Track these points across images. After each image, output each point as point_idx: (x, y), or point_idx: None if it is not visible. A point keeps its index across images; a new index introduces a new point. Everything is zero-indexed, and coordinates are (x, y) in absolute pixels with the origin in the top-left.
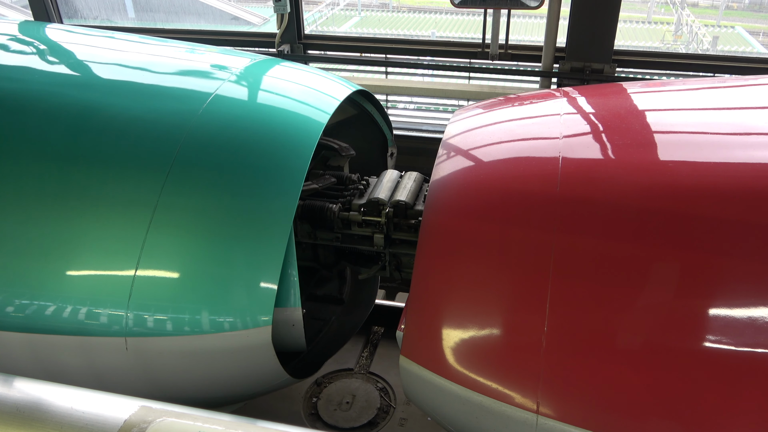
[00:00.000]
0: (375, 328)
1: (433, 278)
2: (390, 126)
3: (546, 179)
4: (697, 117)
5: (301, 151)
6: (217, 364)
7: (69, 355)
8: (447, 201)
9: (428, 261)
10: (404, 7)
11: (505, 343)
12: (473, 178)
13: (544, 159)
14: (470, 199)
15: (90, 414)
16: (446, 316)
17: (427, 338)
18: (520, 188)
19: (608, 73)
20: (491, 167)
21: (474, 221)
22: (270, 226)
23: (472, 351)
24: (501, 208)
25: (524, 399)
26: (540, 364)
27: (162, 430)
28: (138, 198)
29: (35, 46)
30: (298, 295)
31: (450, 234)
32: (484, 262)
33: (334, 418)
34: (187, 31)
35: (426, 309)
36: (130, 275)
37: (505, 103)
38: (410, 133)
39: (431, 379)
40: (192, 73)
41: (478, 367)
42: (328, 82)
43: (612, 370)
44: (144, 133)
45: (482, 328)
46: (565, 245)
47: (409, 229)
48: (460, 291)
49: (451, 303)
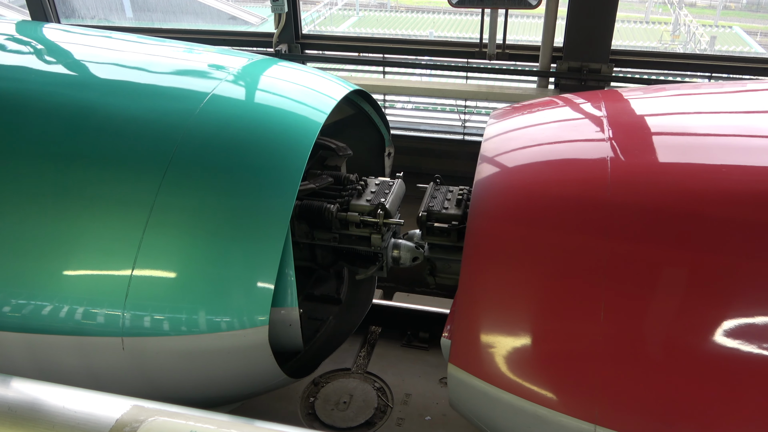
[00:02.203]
0: (372, 328)
1: (483, 285)
2: (387, 126)
3: (596, 184)
4: (745, 120)
5: (298, 151)
6: (214, 364)
7: (66, 356)
8: (495, 206)
9: (477, 267)
10: (402, 7)
11: (560, 352)
12: (521, 182)
13: (592, 162)
14: (519, 204)
15: (82, 413)
16: (498, 324)
17: (479, 346)
18: (570, 193)
19: (605, 72)
20: (539, 171)
21: (524, 227)
22: (267, 225)
23: (526, 360)
24: (551, 214)
25: (582, 409)
26: (596, 373)
27: (154, 429)
28: (135, 198)
29: (32, 46)
30: (295, 295)
31: (499, 240)
32: (536, 268)
33: (332, 418)
34: (184, 30)
35: (476, 316)
36: (127, 275)
37: (544, 105)
38: (408, 133)
39: (482, 388)
40: (189, 73)
41: (532, 376)
42: (325, 81)
43: (671, 380)
44: (141, 132)
45: (536, 336)
46: (619, 251)
47: (442, 233)
48: (513, 298)
49: (504, 311)
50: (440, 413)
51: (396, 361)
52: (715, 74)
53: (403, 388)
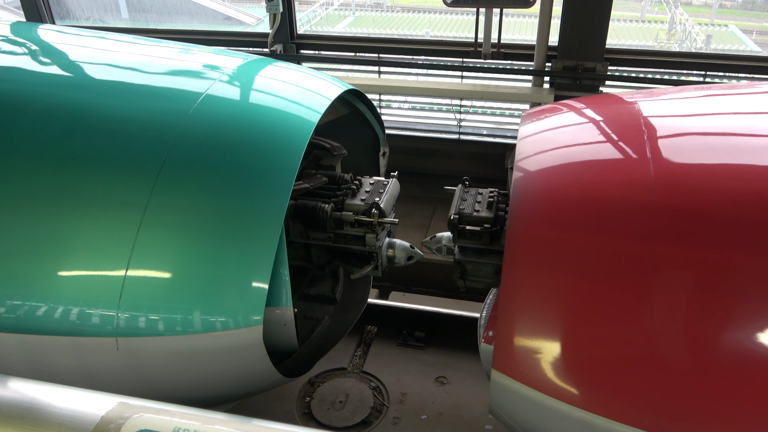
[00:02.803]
0: (368, 328)
1: (528, 290)
2: (382, 125)
3: (640, 186)
4: None
5: (292, 151)
6: (209, 364)
7: (60, 356)
8: (537, 209)
9: (520, 271)
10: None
11: (608, 358)
12: (563, 184)
13: (634, 164)
14: (562, 207)
15: (68, 410)
16: (545, 330)
17: (525, 352)
18: (614, 196)
19: (600, 71)
20: (580, 173)
21: (568, 230)
22: (261, 225)
23: (574, 366)
24: (595, 217)
25: (633, 416)
26: (647, 379)
27: (138, 425)
28: (128, 198)
29: (26, 47)
30: (289, 295)
31: (543, 243)
32: (581, 273)
33: (328, 418)
34: (179, 31)
35: (522, 322)
36: (121, 275)
37: (575, 105)
38: (404, 133)
39: (528, 395)
40: (183, 73)
41: (581, 383)
42: (319, 81)
43: (724, 387)
44: (134, 133)
45: (584, 342)
46: (667, 255)
47: (473, 236)
48: (559, 303)
49: (550, 316)
50: (436, 412)
51: (392, 360)
52: (710, 72)
53: (399, 388)
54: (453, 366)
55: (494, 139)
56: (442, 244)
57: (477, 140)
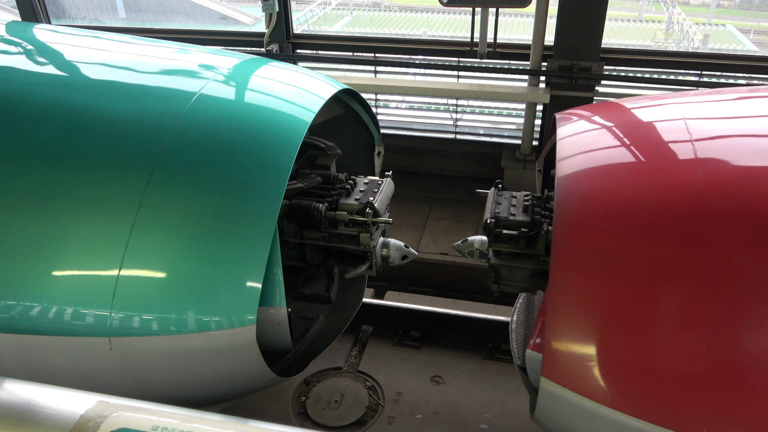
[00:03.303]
0: (364, 327)
1: (579, 296)
2: (377, 125)
3: (690, 191)
4: None
5: (286, 150)
6: (202, 364)
7: (54, 356)
8: (586, 214)
9: (570, 277)
10: (396, 6)
11: (663, 366)
12: (611, 189)
13: (682, 169)
14: (611, 213)
15: (48, 409)
16: (599, 338)
17: (577, 360)
18: (664, 201)
19: (596, 71)
20: (627, 177)
21: (619, 236)
22: (254, 225)
23: (629, 375)
24: (646, 223)
25: (689, 427)
26: (704, 389)
27: (117, 424)
28: (121, 198)
29: (21, 47)
30: (283, 294)
31: (594, 249)
32: (634, 280)
33: (323, 417)
34: (175, 30)
35: (574, 329)
36: (114, 275)
37: (613, 107)
38: (400, 132)
39: (580, 403)
40: (177, 73)
41: (636, 392)
42: (313, 81)
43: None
44: (128, 132)
45: (638, 350)
46: (720, 262)
47: (509, 240)
48: (613, 311)
49: (604, 323)
50: (431, 411)
51: (387, 359)
52: (706, 72)
53: (394, 387)
54: (448, 365)
55: (490, 138)
56: (475, 248)
57: (473, 140)
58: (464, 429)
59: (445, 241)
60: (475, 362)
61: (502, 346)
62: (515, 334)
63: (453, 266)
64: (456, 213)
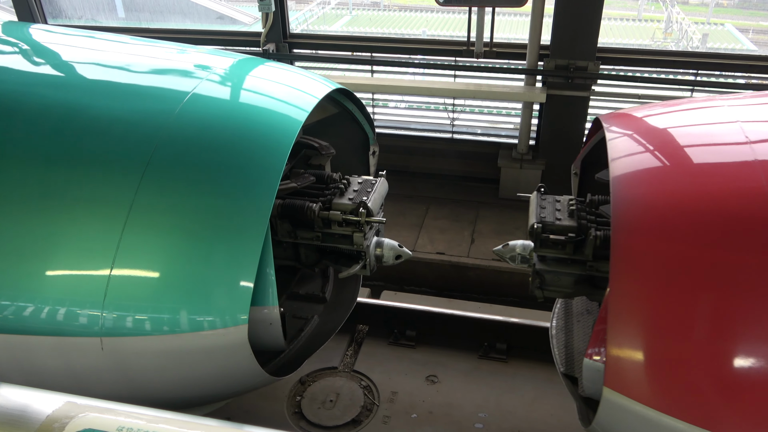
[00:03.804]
0: (360, 327)
1: (646, 305)
2: (372, 124)
3: (754, 198)
4: None
5: (278, 150)
6: (194, 364)
7: (46, 357)
8: (648, 220)
9: (635, 286)
10: (395, 6)
11: (739, 377)
12: (674, 195)
13: (744, 173)
14: (675, 220)
15: (15, 409)
16: (667, 349)
17: (646, 371)
18: (729, 208)
19: (592, 70)
20: (689, 182)
21: (685, 244)
22: (246, 224)
23: (701, 386)
24: (712, 230)
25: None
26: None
27: (83, 424)
28: (113, 198)
29: (17, 47)
30: (275, 294)
31: (659, 257)
32: (704, 288)
33: (318, 417)
34: (172, 30)
35: (641, 339)
36: (106, 275)
37: (660, 108)
38: (397, 132)
39: (648, 415)
40: (170, 73)
41: (708, 403)
42: (307, 80)
43: None
44: (120, 132)
45: (709, 362)
46: None
47: (556, 245)
48: (684, 320)
49: (673, 334)
50: (426, 411)
51: (383, 359)
52: (702, 71)
53: (389, 386)
54: (443, 365)
55: (487, 138)
56: (516, 253)
57: (470, 139)
58: (459, 428)
59: (441, 240)
60: (470, 362)
61: (497, 345)
62: (556, 340)
63: (449, 266)
64: (452, 212)
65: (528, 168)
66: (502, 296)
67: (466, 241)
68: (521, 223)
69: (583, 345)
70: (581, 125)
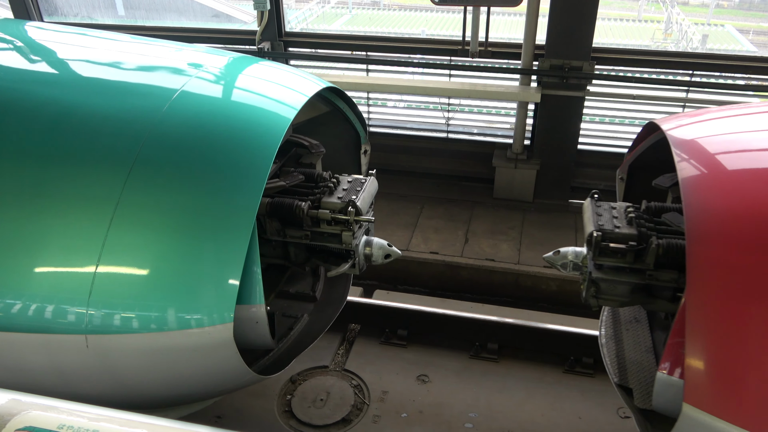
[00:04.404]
0: (351, 326)
1: (731, 319)
2: (363, 123)
3: None
4: None
5: (266, 148)
6: (179, 362)
7: (32, 354)
8: (726, 230)
9: (717, 299)
10: (395, 5)
11: None
12: (750, 204)
13: None
14: (754, 228)
15: None
16: (756, 365)
17: (728, 387)
18: None
19: (587, 70)
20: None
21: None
22: (233, 222)
23: None
24: None
25: None
26: None
27: (24, 422)
28: (99, 195)
29: (11, 44)
30: (261, 293)
31: (739, 268)
32: None
33: (308, 416)
34: (166, 28)
35: (724, 354)
36: (91, 272)
37: (718, 114)
38: (392, 131)
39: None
40: (160, 70)
41: None
42: (298, 78)
43: None
44: (107, 129)
45: None
46: None
47: (615, 254)
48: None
49: (761, 350)
50: (416, 410)
51: (374, 358)
52: (698, 72)
53: (380, 386)
54: (434, 364)
55: (482, 137)
56: (569, 260)
57: (465, 139)
58: (449, 428)
59: (435, 240)
60: (461, 361)
61: (489, 345)
62: (606, 349)
63: (443, 265)
64: (447, 212)
65: (522, 168)
66: (495, 296)
67: (460, 240)
68: (515, 223)
69: (634, 354)
70: (576, 125)
